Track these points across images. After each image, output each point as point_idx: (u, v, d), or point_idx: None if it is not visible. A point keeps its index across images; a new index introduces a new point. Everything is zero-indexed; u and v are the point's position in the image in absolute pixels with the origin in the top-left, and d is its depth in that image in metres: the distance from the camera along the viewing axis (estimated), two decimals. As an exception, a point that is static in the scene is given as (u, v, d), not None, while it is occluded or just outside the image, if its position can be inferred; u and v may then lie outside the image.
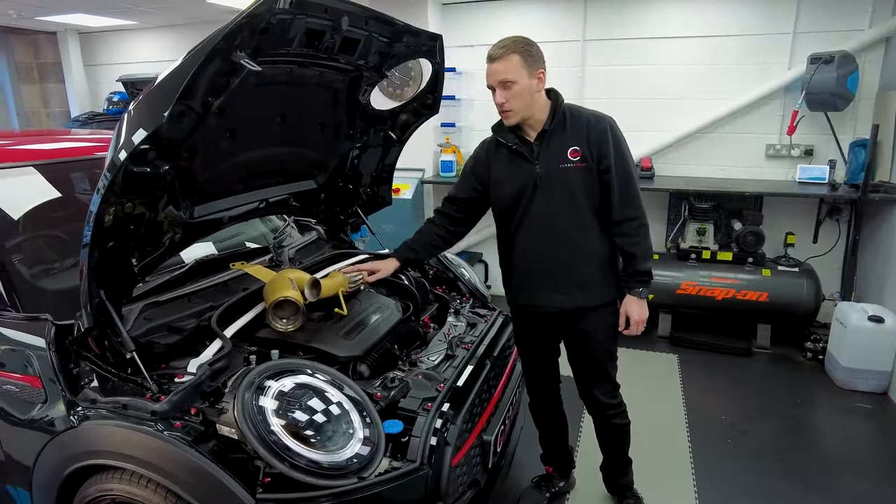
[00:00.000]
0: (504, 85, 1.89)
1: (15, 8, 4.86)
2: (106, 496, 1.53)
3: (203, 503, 1.41)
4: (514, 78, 1.87)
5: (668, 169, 4.48)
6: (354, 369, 1.86)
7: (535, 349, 2.28)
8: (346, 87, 2.33)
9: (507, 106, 1.92)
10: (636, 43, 4.38)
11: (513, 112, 1.93)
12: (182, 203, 1.84)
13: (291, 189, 2.47)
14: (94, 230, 1.43)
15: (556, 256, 2.04)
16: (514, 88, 1.88)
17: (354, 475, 1.46)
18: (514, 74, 1.87)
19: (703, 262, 4.10)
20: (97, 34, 6.30)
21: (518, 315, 2.24)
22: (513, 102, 1.90)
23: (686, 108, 4.33)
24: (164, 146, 1.56)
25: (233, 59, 1.50)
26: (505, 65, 1.87)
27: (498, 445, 1.93)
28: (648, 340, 4.20)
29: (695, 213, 4.21)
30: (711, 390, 3.49)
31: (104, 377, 1.63)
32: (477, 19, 4.74)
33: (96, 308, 1.55)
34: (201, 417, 1.50)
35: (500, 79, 1.89)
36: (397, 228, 4.70)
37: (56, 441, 1.58)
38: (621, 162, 1.98)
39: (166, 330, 1.84)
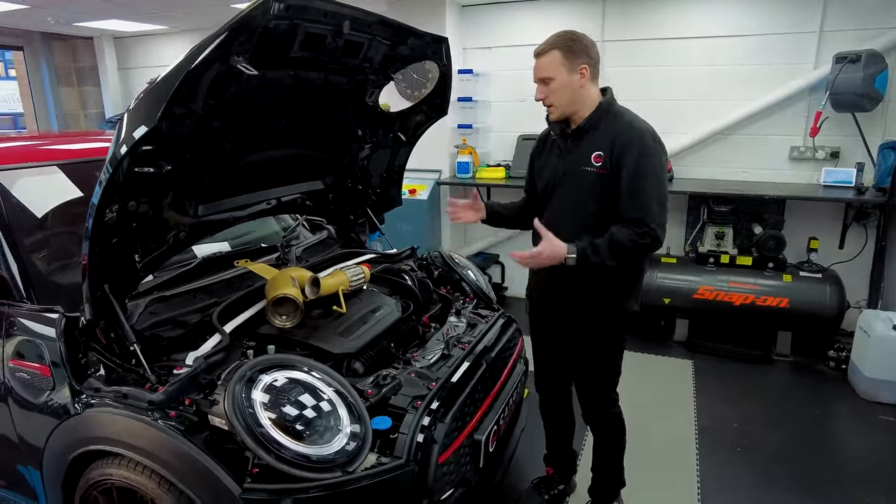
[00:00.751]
0: (543, 81, 1.92)
1: (53, 15, 5.08)
2: (107, 480, 1.61)
3: (193, 490, 1.47)
4: (552, 74, 1.89)
5: (687, 171, 4.41)
6: (349, 366, 1.90)
7: (544, 344, 2.30)
8: (352, 90, 2.37)
9: (546, 101, 1.95)
10: (655, 43, 4.32)
11: (553, 108, 1.95)
12: (186, 202, 1.91)
13: (298, 189, 2.53)
14: (94, 224, 1.49)
15: None
16: (553, 84, 1.90)
17: (340, 469, 1.49)
18: (552, 71, 1.89)
19: (721, 266, 4.02)
20: (131, 39, 6.54)
21: (530, 307, 2.29)
22: (552, 98, 1.92)
23: (706, 109, 4.25)
24: (166, 146, 1.63)
25: (231, 64, 1.56)
26: (545, 61, 1.90)
27: (490, 446, 1.94)
28: (664, 345, 4.14)
29: (713, 216, 4.13)
30: (725, 397, 3.41)
31: (110, 367, 1.71)
32: (495, 21, 4.76)
33: (100, 301, 1.63)
34: (195, 408, 1.56)
35: (540, 75, 1.92)
36: (413, 229, 4.77)
37: (63, 426, 1.67)
38: (636, 174, 1.85)
39: (171, 324, 1.91)
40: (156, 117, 1.38)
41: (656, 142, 1.92)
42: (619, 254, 1.87)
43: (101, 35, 6.37)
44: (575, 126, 1.98)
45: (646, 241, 1.86)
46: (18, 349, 1.79)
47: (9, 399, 1.80)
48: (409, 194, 4.71)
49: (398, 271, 2.60)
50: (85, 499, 1.69)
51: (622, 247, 1.86)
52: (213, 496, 1.45)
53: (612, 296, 2.05)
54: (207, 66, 1.50)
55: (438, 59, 2.46)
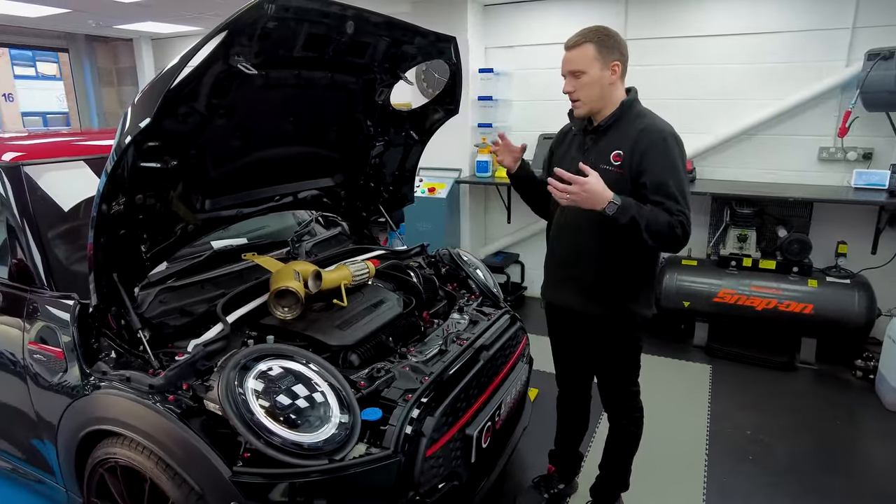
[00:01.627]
0: (574, 74, 1.88)
1: (94, 18, 5.32)
2: (111, 459, 1.69)
3: (187, 471, 1.54)
4: (583, 68, 1.86)
5: (710, 172, 4.31)
6: (345, 358, 1.95)
7: (562, 344, 2.31)
8: (360, 89, 2.42)
9: (574, 96, 1.91)
10: (679, 42, 4.24)
11: (581, 102, 1.91)
12: (194, 197, 1.99)
13: (307, 187, 2.59)
14: (98, 213, 1.57)
15: (572, 257, 2.05)
16: (583, 79, 1.87)
17: (327, 457, 1.54)
18: (584, 65, 1.86)
19: (743, 269, 3.92)
20: (167, 40, 6.79)
21: (546, 307, 2.29)
22: (580, 93, 1.88)
23: (731, 108, 4.15)
24: (171, 142, 1.71)
25: (231, 64, 1.62)
26: (577, 54, 1.86)
27: (483, 442, 1.96)
28: (683, 349, 4.06)
29: (736, 218, 4.03)
30: (742, 403, 3.33)
31: (119, 352, 1.80)
32: (517, 20, 4.75)
33: (108, 288, 1.71)
34: (192, 393, 1.63)
35: (570, 68, 1.88)
36: (432, 227, 4.81)
37: (74, 405, 1.77)
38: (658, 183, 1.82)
39: (178, 313, 2.00)
40: (152, 112, 1.44)
41: (678, 143, 1.89)
42: (656, 230, 1.77)
43: (140, 37, 6.64)
44: (597, 123, 1.97)
45: (678, 232, 1.79)
46: (38, 332, 1.90)
47: (27, 378, 1.91)
48: (428, 193, 4.75)
49: (405, 268, 2.63)
50: (93, 475, 1.78)
51: (659, 223, 1.77)
52: (205, 477, 1.52)
53: (624, 302, 2.02)
54: (207, 66, 1.57)
55: (447, 58, 2.48)
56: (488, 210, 5.29)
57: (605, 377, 2.21)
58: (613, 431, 2.26)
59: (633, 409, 2.20)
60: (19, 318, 1.96)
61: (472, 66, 4.67)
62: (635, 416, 2.21)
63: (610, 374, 2.18)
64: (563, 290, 2.12)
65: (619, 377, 2.17)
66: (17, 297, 2.00)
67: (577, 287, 2.06)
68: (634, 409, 2.20)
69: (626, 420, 2.20)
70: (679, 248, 1.87)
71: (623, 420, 2.21)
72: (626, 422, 2.21)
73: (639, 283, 2.04)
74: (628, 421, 2.20)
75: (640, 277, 2.04)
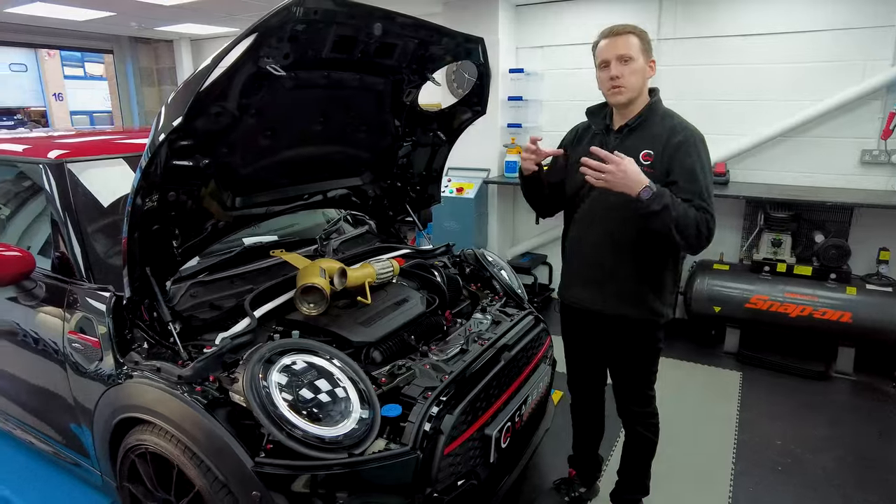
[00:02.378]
0: (622, 59, 1.87)
1: (137, 20, 5.52)
2: (142, 446, 1.76)
3: (211, 459, 1.59)
4: (633, 55, 1.87)
5: (744, 175, 4.20)
6: (367, 354, 1.98)
7: (576, 347, 2.30)
8: (388, 90, 2.44)
9: (621, 81, 1.88)
10: (714, 41, 4.15)
11: (625, 88, 1.89)
12: (224, 194, 2.04)
13: (336, 185, 2.64)
14: (132, 208, 1.64)
15: (599, 257, 2.04)
16: (632, 65, 1.87)
17: (346, 451, 1.57)
18: (634, 51, 1.87)
19: (777, 275, 3.81)
20: (205, 41, 6.97)
21: (562, 309, 2.28)
22: (628, 78, 1.88)
23: (767, 109, 4.03)
24: (203, 141, 1.76)
25: (260, 66, 1.67)
26: (625, 41, 1.88)
27: (503, 442, 1.97)
28: (713, 355, 3.98)
29: (771, 222, 3.92)
30: (773, 413, 3.25)
31: (150, 343, 1.87)
32: (549, 20, 4.72)
33: (140, 282, 1.78)
34: (218, 385, 1.68)
35: (620, 53, 1.87)
36: (460, 227, 4.83)
37: (108, 393, 1.85)
38: (690, 180, 1.84)
39: (208, 306, 2.06)
40: (184, 111, 1.50)
41: (704, 144, 1.91)
42: (684, 224, 1.77)
43: (180, 38, 6.84)
44: (624, 121, 1.96)
45: (703, 230, 1.80)
46: (77, 322, 1.99)
47: (66, 366, 2.01)
48: (456, 193, 4.77)
49: (429, 267, 2.65)
50: (125, 460, 1.85)
51: (688, 218, 1.77)
52: (228, 467, 1.56)
53: (649, 302, 2.01)
54: (238, 68, 1.62)
55: (475, 58, 2.48)
56: (516, 210, 5.28)
57: (621, 382, 2.17)
58: (629, 438, 2.23)
59: (648, 416, 2.17)
60: (60, 308, 2.05)
61: (502, 67, 4.67)
62: (651, 423, 2.17)
63: (627, 378, 2.15)
64: (585, 290, 2.11)
65: (636, 382, 2.14)
66: (58, 288, 2.10)
67: (600, 287, 2.05)
68: (650, 415, 2.17)
69: (642, 427, 2.17)
70: (701, 248, 1.86)
71: (638, 427, 2.17)
72: (641, 429, 2.17)
73: (663, 282, 2.03)
74: (644, 427, 2.17)
75: (665, 277, 2.03)
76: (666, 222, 1.76)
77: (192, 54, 7.05)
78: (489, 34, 4.55)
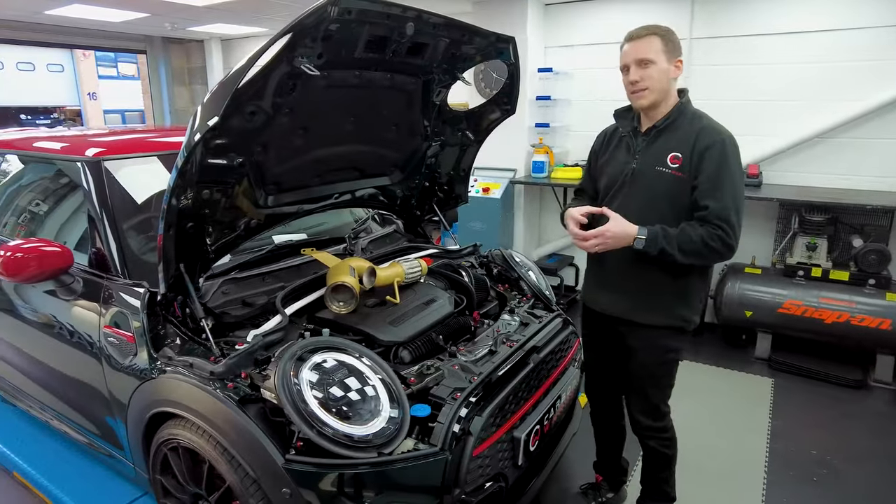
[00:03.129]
0: (641, 63, 1.84)
1: (170, 21, 5.62)
2: (175, 440, 1.79)
3: (242, 455, 1.60)
4: (652, 58, 1.83)
5: (778, 177, 4.09)
6: (396, 353, 1.98)
7: (596, 352, 2.27)
8: (419, 89, 2.44)
9: (641, 84, 1.85)
10: (748, 40, 4.05)
11: (647, 91, 1.86)
12: (257, 193, 2.06)
13: (366, 185, 2.64)
14: (168, 205, 1.66)
15: (622, 261, 1.99)
16: (651, 69, 1.84)
17: (376, 450, 1.57)
18: (653, 54, 1.83)
19: (812, 280, 3.71)
20: (235, 41, 7.08)
21: (584, 312, 2.25)
22: (647, 81, 1.84)
23: (803, 110, 3.93)
24: (237, 140, 1.78)
25: (294, 65, 1.68)
26: (645, 44, 1.84)
27: (531, 445, 1.95)
28: (744, 361, 3.89)
29: (806, 225, 3.82)
30: (806, 421, 3.16)
31: (183, 339, 1.90)
32: (578, 19, 4.67)
33: (174, 278, 1.81)
34: (249, 381, 1.69)
35: (638, 57, 1.84)
36: (486, 227, 4.81)
37: (142, 387, 1.88)
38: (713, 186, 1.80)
39: (240, 303, 2.08)
40: (220, 110, 1.51)
41: (735, 147, 1.86)
42: (690, 249, 1.79)
43: (210, 38, 6.96)
44: (651, 123, 1.93)
45: (716, 245, 1.78)
46: (112, 317, 2.03)
47: (102, 359, 2.05)
48: (482, 192, 4.75)
49: (457, 267, 2.64)
50: (157, 453, 1.89)
51: (692, 242, 1.78)
52: (259, 463, 1.58)
53: (677, 308, 1.97)
54: (273, 68, 1.63)
55: (506, 58, 2.46)
56: (543, 211, 5.24)
57: (637, 397, 2.11)
58: (645, 452, 2.18)
59: (662, 430, 2.11)
60: (96, 302, 2.10)
61: (530, 66, 4.63)
62: (664, 437, 2.11)
63: (643, 392, 2.09)
64: (611, 295, 2.06)
65: (650, 392, 2.07)
66: (95, 283, 2.14)
67: (626, 293, 2.01)
68: (664, 429, 2.11)
69: (655, 442, 2.11)
70: (722, 258, 1.84)
71: (651, 442, 2.12)
72: (654, 444, 2.12)
73: (691, 288, 1.99)
74: (657, 443, 2.11)
75: (693, 282, 1.98)
76: (669, 258, 1.81)
77: (223, 54, 7.17)
78: (518, 33, 4.51)
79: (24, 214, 2.66)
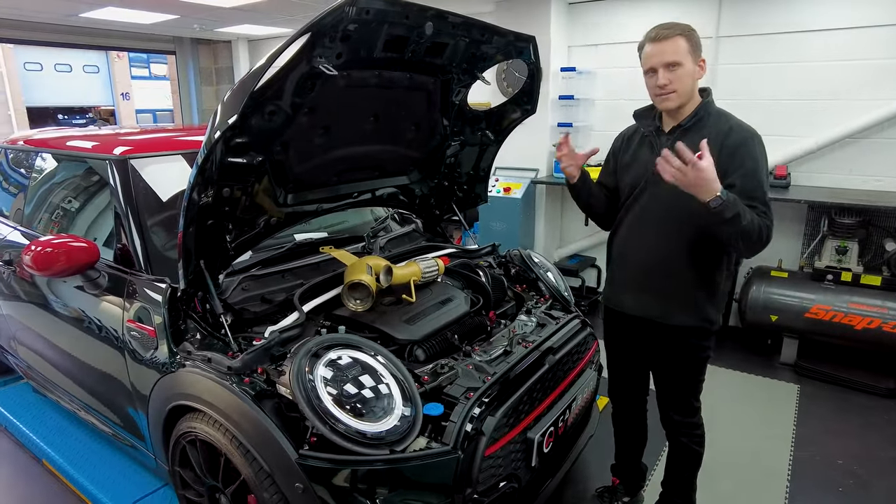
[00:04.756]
0: (669, 66, 1.80)
1: (199, 22, 5.74)
2: (192, 432, 1.82)
3: (256, 449, 1.63)
4: (680, 60, 1.79)
5: (807, 178, 3.99)
6: (411, 352, 1.98)
7: (620, 354, 2.25)
8: (438, 89, 2.44)
9: (671, 87, 1.81)
10: (777, 38, 3.95)
11: (675, 94, 1.82)
12: (277, 191, 2.09)
13: (385, 184, 2.65)
14: (188, 202, 1.69)
15: (648, 262, 1.98)
16: (679, 71, 1.79)
17: (388, 447, 1.58)
18: (681, 56, 1.79)
19: (841, 284, 3.60)
20: (262, 41, 7.18)
21: (607, 314, 2.23)
22: (676, 84, 1.81)
23: (834, 109, 3.81)
24: (257, 139, 1.81)
25: (313, 65, 1.69)
26: (672, 46, 1.79)
27: (545, 446, 1.93)
28: (769, 366, 3.80)
29: (835, 228, 3.71)
30: (833, 430, 3.07)
31: (203, 334, 1.94)
32: (603, 17, 4.62)
33: (194, 274, 1.84)
34: (265, 377, 1.72)
35: (667, 60, 1.80)
36: (506, 227, 4.79)
37: (162, 381, 1.93)
38: (749, 183, 1.77)
39: (259, 300, 2.12)
40: (239, 108, 1.54)
41: (762, 146, 1.84)
42: (749, 229, 1.69)
43: (238, 39, 7.08)
44: (675, 123, 1.90)
45: (764, 231, 1.73)
46: (135, 312, 2.08)
47: (125, 353, 2.10)
48: (503, 192, 4.73)
49: (474, 267, 2.64)
50: (177, 446, 1.93)
51: (754, 224, 1.70)
52: (273, 457, 1.60)
53: (705, 309, 1.94)
54: (292, 67, 1.65)
55: (526, 57, 2.45)
56: (565, 211, 5.20)
57: (666, 392, 2.10)
58: (674, 450, 2.15)
59: (693, 426, 2.09)
60: (121, 297, 2.15)
61: (553, 65, 4.60)
62: (695, 434, 2.09)
63: (672, 387, 2.08)
64: (635, 297, 2.05)
65: (682, 391, 2.06)
66: (119, 278, 2.20)
67: (652, 294, 1.99)
68: (695, 426, 2.09)
69: (686, 438, 2.09)
70: (758, 248, 1.78)
71: (682, 438, 2.10)
72: (685, 440, 2.09)
73: (718, 288, 1.96)
74: (688, 439, 2.09)
75: (720, 282, 1.95)
76: (736, 230, 1.69)
77: (250, 54, 7.28)
78: (541, 32, 4.50)
79: (56, 211, 2.75)
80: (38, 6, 4.95)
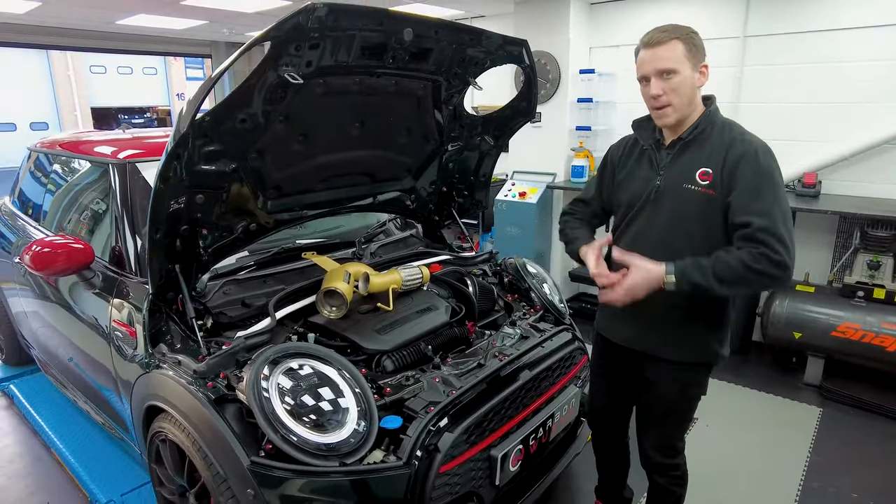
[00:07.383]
0: (662, 74, 1.63)
1: (227, 27, 5.92)
2: (163, 433, 1.87)
3: (213, 453, 1.64)
4: (675, 67, 1.61)
5: (838, 187, 3.73)
6: (379, 362, 1.97)
7: (606, 382, 2.10)
8: (430, 95, 2.41)
9: (664, 100, 1.64)
10: (809, 37, 3.71)
11: (671, 109, 1.65)
12: (257, 197, 2.11)
13: (378, 190, 2.64)
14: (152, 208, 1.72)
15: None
16: (675, 80, 1.62)
17: (339, 459, 1.57)
18: (676, 62, 1.61)
19: (873, 302, 3.36)
20: (295, 45, 7.32)
21: (598, 341, 2.08)
22: (671, 96, 1.63)
23: (870, 113, 3.56)
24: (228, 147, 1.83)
25: (279, 74, 1.70)
26: (666, 51, 1.62)
27: (512, 465, 1.88)
28: (791, 386, 3.59)
29: (868, 241, 3.47)
30: (853, 459, 2.86)
31: (181, 336, 1.98)
32: (625, 18, 4.48)
33: (167, 278, 1.88)
34: (226, 382, 1.74)
35: (659, 67, 1.63)
36: (521, 233, 4.72)
37: (140, 380, 1.98)
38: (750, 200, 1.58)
39: (240, 304, 2.14)
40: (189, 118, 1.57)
41: (772, 156, 1.64)
42: (730, 278, 1.55)
43: (270, 42, 7.24)
44: (676, 136, 1.74)
45: (762, 266, 1.52)
46: (122, 311, 2.15)
47: (112, 350, 2.17)
48: (518, 197, 4.66)
49: (464, 275, 2.60)
50: (151, 444, 1.98)
51: (731, 269, 1.54)
52: (228, 462, 1.61)
53: (711, 344, 1.79)
54: (258, 76, 1.67)
55: (520, 61, 2.40)
56: (585, 217, 5.06)
57: (651, 431, 1.94)
58: (652, 489, 2.02)
59: (673, 468, 1.94)
60: (111, 296, 2.22)
61: (572, 67, 4.49)
62: (675, 475, 1.95)
63: (659, 427, 1.92)
64: (631, 326, 1.88)
65: (668, 432, 1.92)
66: (112, 279, 2.27)
67: (657, 325, 1.81)
68: (675, 467, 1.94)
69: (664, 479, 1.95)
70: (776, 282, 1.58)
71: (660, 479, 1.96)
72: (663, 481, 1.95)
73: (723, 318, 1.81)
74: (667, 481, 1.95)
75: (725, 311, 1.80)
76: (705, 292, 1.58)
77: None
78: (560, 33, 4.41)
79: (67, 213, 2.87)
80: (77, 15, 5.21)
